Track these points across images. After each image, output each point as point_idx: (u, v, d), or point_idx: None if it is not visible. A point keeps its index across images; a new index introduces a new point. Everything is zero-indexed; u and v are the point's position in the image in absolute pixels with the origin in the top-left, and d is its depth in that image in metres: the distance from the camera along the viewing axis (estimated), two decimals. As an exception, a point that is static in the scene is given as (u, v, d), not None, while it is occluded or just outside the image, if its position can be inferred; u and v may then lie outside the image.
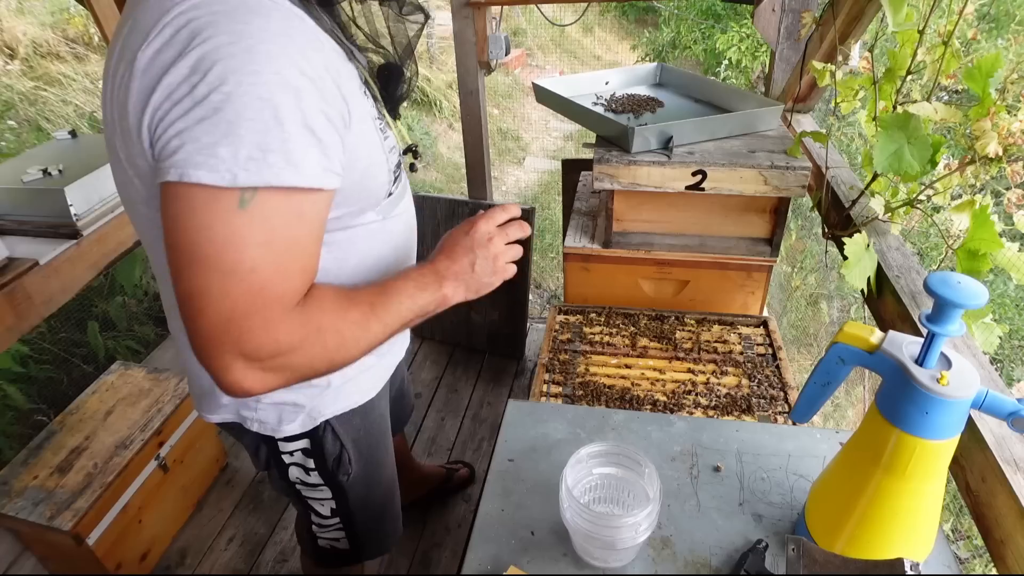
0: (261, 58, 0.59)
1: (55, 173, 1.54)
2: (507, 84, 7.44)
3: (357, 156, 0.72)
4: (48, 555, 1.71)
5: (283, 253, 0.64)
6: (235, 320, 0.62)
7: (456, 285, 0.84)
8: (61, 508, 1.54)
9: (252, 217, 0.60)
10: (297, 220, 0.64)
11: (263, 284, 0.63)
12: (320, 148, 0.63)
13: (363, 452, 1.04)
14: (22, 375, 2.21)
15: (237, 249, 0.61)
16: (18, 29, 4.11)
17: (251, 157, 0.59)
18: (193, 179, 0.58)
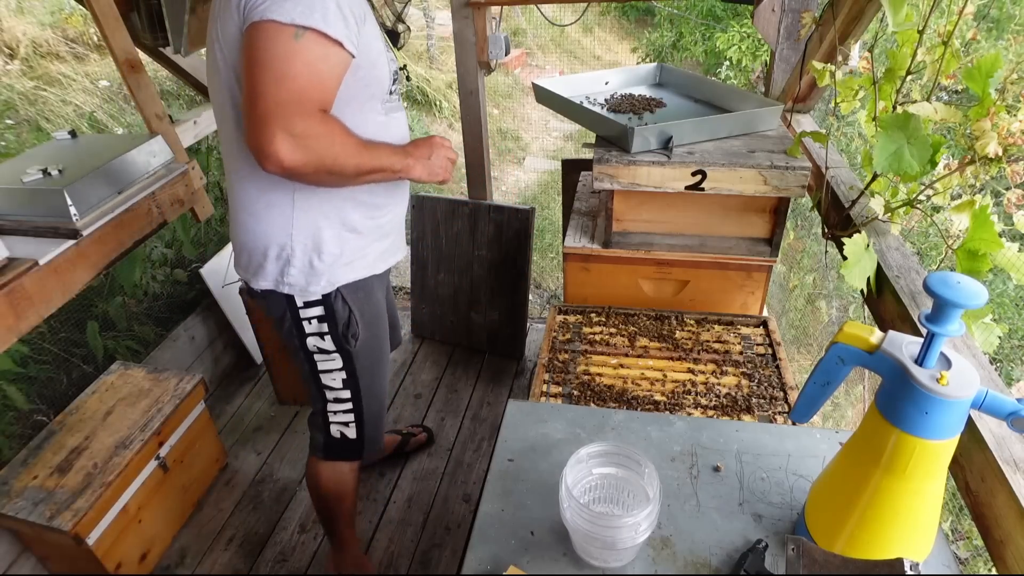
0: None
1: (55, 173, 1.54)
2: (507, 84, 7.44)
3: (369, 47, 1.07)
4: (48, 555, 1.71)
5: (315, 74, 0.98)
6: (281, 105, 0.95)
7: (416, 163, 1.18)
8: (61, 508, 1.54)
9: (301, 46, 0.96)
10: (325, 59, 0.99)
11: (302, 87, 0.97)
12: (345, 23, 0.99)
13: (367, 321, 1.29)
14: (22, 375, 2.21)
15: (289, 63, 0.96)
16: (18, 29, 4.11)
17: (303, 12, 0.95)
18: (268, 17, 0.94)
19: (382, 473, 2.10)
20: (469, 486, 2.05)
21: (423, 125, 5.96)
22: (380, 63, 1.12)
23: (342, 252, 1.22)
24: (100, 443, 1.72)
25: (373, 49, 1.09)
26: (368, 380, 1.36)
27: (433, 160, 1.22)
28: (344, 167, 1.06)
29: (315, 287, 1.22)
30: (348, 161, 1.06)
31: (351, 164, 1.07)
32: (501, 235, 2.42)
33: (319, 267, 1.20)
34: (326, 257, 1.20)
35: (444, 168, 1.24)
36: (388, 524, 1.94)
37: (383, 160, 1.13)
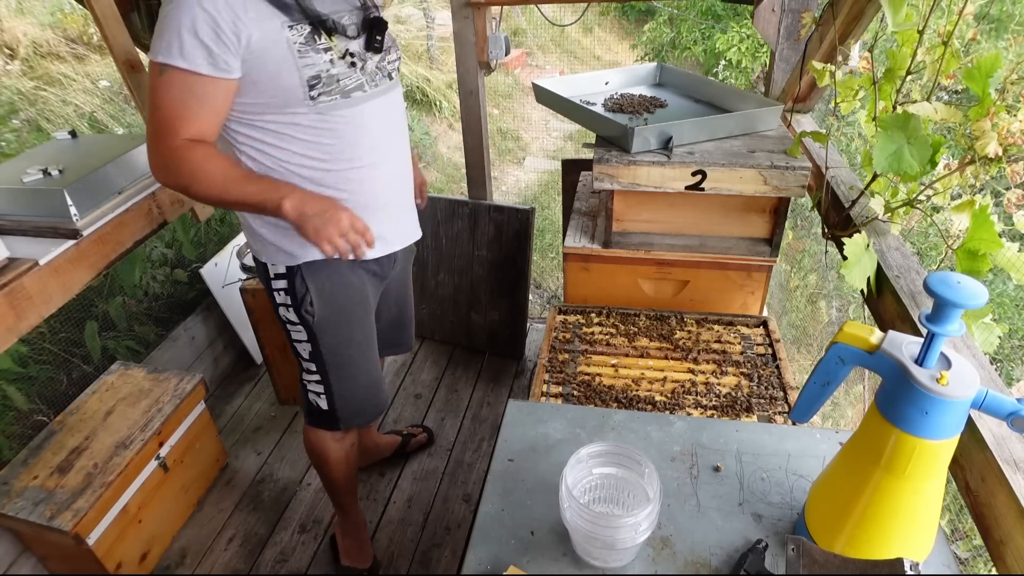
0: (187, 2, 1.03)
1: (55, 173, 1.54)
2: (507, 84, 7.44)
3: (264, 61, 1.09)
4: (48, 555, 1.71)
5: (181, 105, 1.08)
6: (152, 133, 1.11)
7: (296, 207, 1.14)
8: (61, 508, 1.54)
9: (166, 81, 1.06)
10: (190, 90, 1.07)
11: (167, 118, 1.09)
12: (207, 51, 1.04)
13: (328, 302, 1.32)
14: (22, 375, 2.21)
15: (159, 96, 1.08)
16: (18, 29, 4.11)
17: (164, 48, 1.04)
18: (150, 55, 1.07)
19: (382, 473, 2.11)
20: (469, 486, 2.05)
21: (423, 125, 5.96)
22: (284, 71, 1.11)
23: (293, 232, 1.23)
24: (100, 443, 1.72)
25: (270, 60, 1.09)
26: (334, 358, 1.39)
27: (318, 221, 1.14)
28: (200, 194, 1.14)
29: (278, 259, 1.29)
30: (204, 190, 1.13)
31: (210, 193, 1.14)
32: (501, 235, 2.42)
33: (277, 240, 1.27)
34: (280, 230, 1.25)
35: (324, 236, 1.14)
36: (388, 524, 1.94)
37: (246, 193, 1.15)
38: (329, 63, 1.15)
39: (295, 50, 1.11)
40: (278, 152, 1.20)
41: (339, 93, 1.18)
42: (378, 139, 1.28)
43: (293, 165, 1.21)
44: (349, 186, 1.27)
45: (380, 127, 1.28)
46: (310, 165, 1.22)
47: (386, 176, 1.32)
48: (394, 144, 1.32)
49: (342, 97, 1.19)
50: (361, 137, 1.24)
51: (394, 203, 1.37)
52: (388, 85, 1.28)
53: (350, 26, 1.17)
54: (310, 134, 1.19)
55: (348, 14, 1.18)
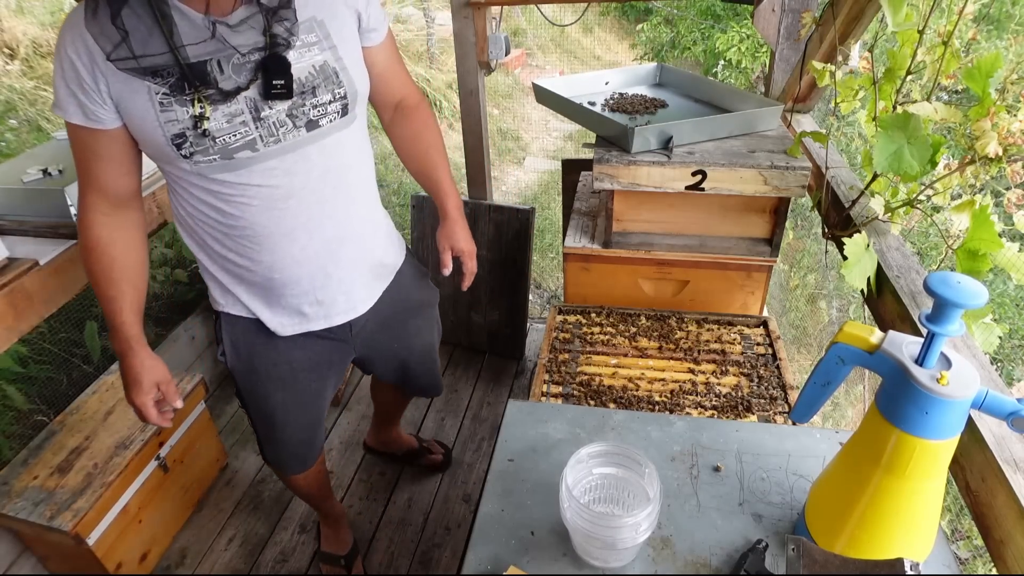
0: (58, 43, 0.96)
1: (55, 173, 1.54)
2: (507, 84, 7.43)
3: (128, 113, 0.98)
4: (48, 555, 1.71)
5: (77, 155, 1.04)
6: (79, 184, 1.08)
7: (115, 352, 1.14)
8: (61, 508, 1.54)
9: (69, 132, 1.02)
10: (82, 143, 1.02)
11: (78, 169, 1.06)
12: (76, 101, 0.96)
13: (240, 357, 1.26)
14: (22, 375, 2.21)
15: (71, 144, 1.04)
16: (18, 29, 4.11)
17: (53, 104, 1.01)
18: None
19: (382, 473, 2.11)
20: (469, 486, 2.05)
21: (423, 125, 5.95)
22: (148, 126, 0.97)
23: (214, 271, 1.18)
24: (100, 443, 1.72)
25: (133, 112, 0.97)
26: (253, 405, 1.33)
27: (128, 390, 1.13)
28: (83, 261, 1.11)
29: (211, 294, 1.24)
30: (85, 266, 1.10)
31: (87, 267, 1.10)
32: (501, 235, 2.42)
33: (208, 279, 1.21)
34: (209, 270, 1.19)
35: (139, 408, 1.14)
36: (388, 524, 1.94)
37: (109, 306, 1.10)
38: (195, 119, 0.96)
39: (156, 102, 0.95)
40: (187, 203, 1.09)
41: (217, 153, 0.99)
42: (291, 204, 1.06)
43: (199, 221, 1.10)
44: (251, 254, 1.11)
45: (294, 189, 1.06)
46: (211, 223, 1.09)
47: (313, 246, 1.12)
48: (327, 205, 1.10)
49: (222, 158, 0.99)
50: (259, 204, 1.05)
51: (328, 274, 1.16)
52: (305, 137, 1.03)
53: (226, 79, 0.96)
54: (200, 193, 1.05)
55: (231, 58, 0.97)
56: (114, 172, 1.05)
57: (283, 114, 1.01)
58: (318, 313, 1.21)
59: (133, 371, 1.12)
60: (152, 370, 1.14)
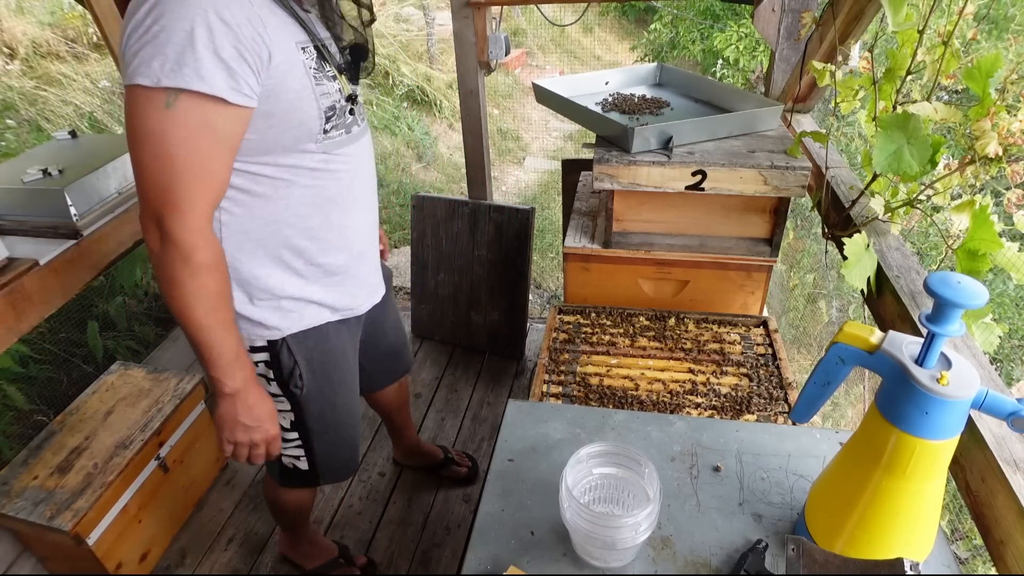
0: (189, 4, 0.81)
1: (55, 173, 1.54)
2: (507, 84, 7.43)
3: (284, 88, 0.92)
4: (48, 555, 1.71)
5: (194, 152, 0.86)
6: (155, 193, 0.86)
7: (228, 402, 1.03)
8: (61, 508, 1.54)
9: (174, 115, 0.83)
10: (206, 126, 0.85)
11: (178, 172, 0.85)
12: (228, 72, 0.84)
13: (316, 371, 1.20)
14: (22, 375, 2.21)
15: (163, 140, 0.83)
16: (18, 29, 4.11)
17: (172, 68, 0.81)
18: (135, 80, 0.82)
19: (382, 473, 2.11)
20: (469, 486, 2.05)
21: (423, 125, 5.96)
22: (303, 103, 0.95)
23: (279, 303, 1.11)
24: (100, 443, 1.72)
25: (290, 87, 0.93)
26: (319, 425, 1.27)
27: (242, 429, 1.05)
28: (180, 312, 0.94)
29: (254, 333, 1.11)
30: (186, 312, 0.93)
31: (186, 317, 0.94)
32: (501, 235, 2.42)
33: (255, 314, 1.10)
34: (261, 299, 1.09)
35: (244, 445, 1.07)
36: (388, 524, 1.94)
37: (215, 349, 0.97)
38: (339, 92, 1.00)
39: (311, 75, 0.95)
40: (269, 204, 1.01)
41: (344, 128, 1.04)
42: (366, 179, 1.16)
43: (290, 215, 1.04)
44: (345, 235, 1.14)
45: (368, 165, 1.17)
46: (305, 215, 1.05)
47: (371, 219, 1.22)
48: (374, 182, 1.23)
49: (346, 133, 1.04)
50: (356, 180, 1.12)
51: (374, 246, 1.27)
52: (364, 126, 1.15)
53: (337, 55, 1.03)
54: (312, 178, 1.03)
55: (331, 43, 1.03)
56: (230, 164, 0.93)
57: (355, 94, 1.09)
58: (377, 281, 1.30)
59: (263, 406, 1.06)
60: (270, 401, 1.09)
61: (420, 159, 5.54)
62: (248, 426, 1.05)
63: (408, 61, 6.38)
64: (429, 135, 5.89)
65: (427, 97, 6.27)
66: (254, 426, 1.05)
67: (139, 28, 0.82)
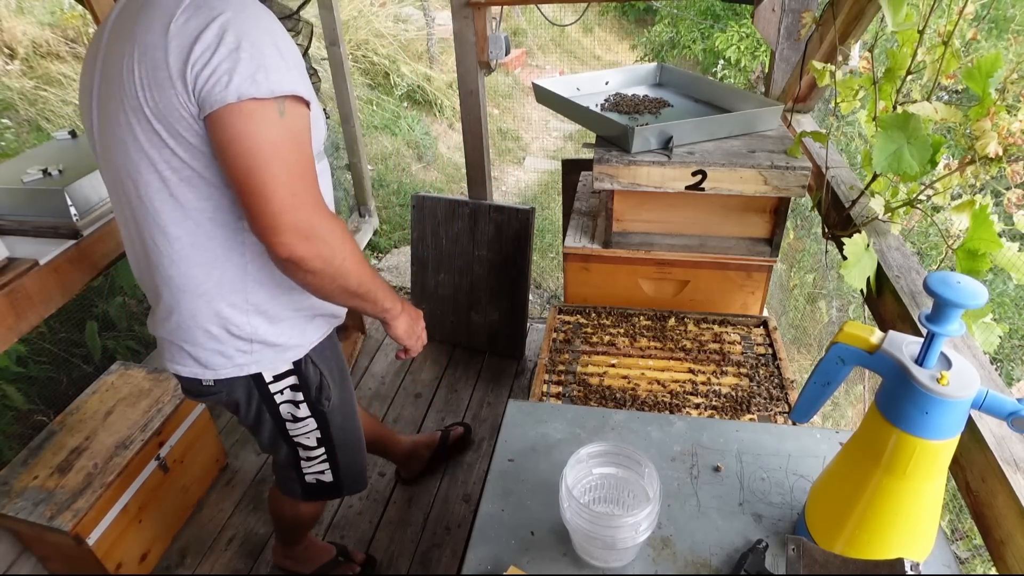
0: (262, 25, 0.87)
1: (55, 173, 1.54)
2: (507, 84, 7.43)
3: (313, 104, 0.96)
4: (48, 555, 1.71)
5: (305, 152, 0.91)
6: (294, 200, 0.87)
7: (403, 313, 1.15)
8: (61, 508, 1.54)
9: (289, 123, 0.87)
10: (306, 128, 0.91)
11: (303, 173, 0.89)
12: (304, 79, 0.91)
13: (337, 379, 1.23)
14: (22, 375, 2.21)
15: (287, 148, 0.87)
16: (18, 29, 4.11)
17: (278, 78, 0.85)
18: (247, 95, 0.83)
19: (382, 473, 2.11)
20: (469, 486, 2.05)
21: (423, 125, 5.95)
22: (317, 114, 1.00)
23: (296, 310, 1.11)
24: (100, 443, 1.72)
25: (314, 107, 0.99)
26: (342, 435, 1.30)
27: (417, 327, 1.21)
28: (348, 276, 0.96)
29: (284, 355, 1.12)
30: (353, 269, 0.97)
31: (354, 275, 0.97)
32: (501, 235, 2.42)
33: (278, 334, 1.09)
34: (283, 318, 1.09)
35: (421, 340, 1.22)
36: (388, 524, 1.94)
37: (378, 288, 1.05)
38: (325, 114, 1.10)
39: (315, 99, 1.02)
40: None
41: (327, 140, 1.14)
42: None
43: None
44: None
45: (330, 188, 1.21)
46: None
47: None
48: None
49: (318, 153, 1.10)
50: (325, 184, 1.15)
51: None
52: None
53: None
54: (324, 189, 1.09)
55: None
56: None
57: None
58: None
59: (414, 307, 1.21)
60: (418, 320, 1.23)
61: (420, 159, 5.54)
62: (420, 322, 1.22)
63: (408, 61, 6.37)
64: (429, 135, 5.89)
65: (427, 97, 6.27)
66: (422, 321, 1.22)
67: (220, 48, 0.83)
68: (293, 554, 1.73)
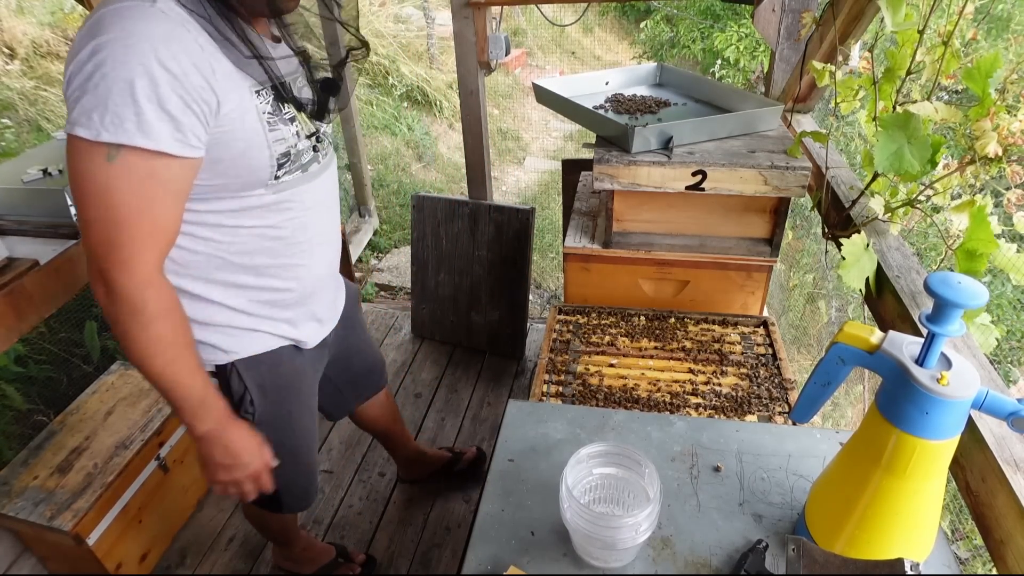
0: (133, 51, 0.77)
1: (55, 173, 1.54)
2: (507, 84, 7.43)
3: (234, 137, 0.89)
4: (48, 555, 1.71)
5: (143, 199, 0.82)
6: (101, 247, 0.83)
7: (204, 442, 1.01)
8: (61, 508, 1.54)
9: (118, 170, 0.80)
10: (151, 178, 0.82)
11: (130, 225, 0.82)
12: (173, 124, 0.80)
13: (269, 397, 1.15)
14: (22, 375, 2.21)
15: (107, 193, 0.80)
16: (18, 29, 4.11)
17: (113, 122, 0.77)
18: (76, 132, 0.78)
19: (382, 473, 2.11)
20: (469, 486, 2.05)
21: (423, 125, 5.95)
22: (254, 150, 0.92)
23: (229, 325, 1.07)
24: (100, 443, 1.72)
25: (240, 136, 0.89)
26: (281, 446, 1.19)
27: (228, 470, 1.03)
28: (131, 355, 0.90)
29: (208, 355, 1.07)
30: (135, 356, 0.89)
31: (136, 360, 0.90)
32: (501, 235, 2.42)
33: (208, 339, 1.06)
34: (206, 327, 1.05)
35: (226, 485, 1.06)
36: (388, 524, 1.94)
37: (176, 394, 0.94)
38: (296, 136, 0.97)
39: (264, 121, 0.92)
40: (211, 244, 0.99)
41: (299, 169, 1.01)
42: (323, 216, 1.12)
43: (234, 253, 1.01)
44: (296, 273, 1.10)
45: (326, 202, 1.12)
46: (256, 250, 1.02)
47: (328, 256, 1.18)
48: (334, 219, 1.17)
49: (302, 172, 1.02)
50: (311, 217, 1.08)
51: (331, 282, 1.24)
52: (331, 153, 1.13)
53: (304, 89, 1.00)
54: (259, 219, 1.00)
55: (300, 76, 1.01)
56: (179, 212, 0.89)
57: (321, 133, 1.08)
58: (329, 317, 1.25)
59: (241, 442, 1.04)
60: (257, 436, 1.08)
61: (420, 159, 5.54)
62: (227, 465, 1.03)
63: (408, 61, 6.38)
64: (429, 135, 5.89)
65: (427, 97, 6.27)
66: (233, 464, 1.03)
67: (80, 73, 0.77)
68: (292, 555, 1.72)
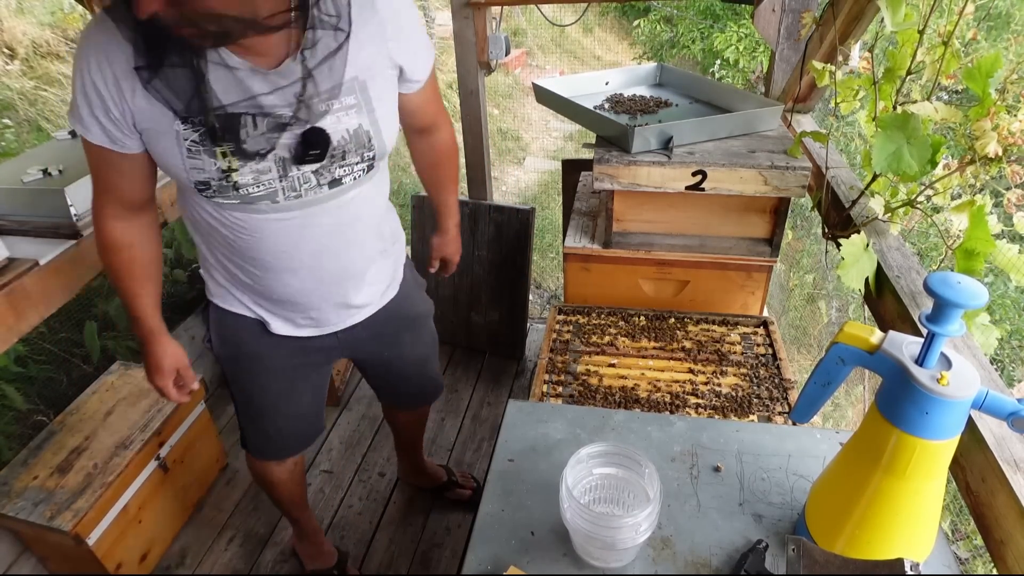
0: (79, 56, 0.91)
1: (55, 173, 1.54)
2: (507, 84, 7.43)
3: (152, 147, 0.98)
4: (48, 555, 1.71)
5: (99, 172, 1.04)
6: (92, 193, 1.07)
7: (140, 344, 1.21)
8: (61, 508, 1.54)
9: (84, 143, 0.98)
10: (100, 159, 1.00)
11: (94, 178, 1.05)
12: (100, 127, 0.94)
13: (227, 346, 1.27)
14: (22, 375, 2.21)
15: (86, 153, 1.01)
16: (18, 29, 4.11)
17: (70, 112, 0.96)
18: None
19: (382, 473, 2.11)
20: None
21: (423, 125, 5.95)
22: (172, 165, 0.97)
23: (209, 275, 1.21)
24: (100, 443, 1.72)
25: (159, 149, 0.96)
26: (241, 396, 1.35)
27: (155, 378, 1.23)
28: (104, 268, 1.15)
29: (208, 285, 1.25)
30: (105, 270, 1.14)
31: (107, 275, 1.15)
32: (501, 235, 2.42)
33: (206, 272, 1.22)
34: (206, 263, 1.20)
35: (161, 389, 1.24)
36: (388, 524, 1.94)
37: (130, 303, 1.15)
38: (223, 172, 0.96)
39: (184, 147, 0.94)
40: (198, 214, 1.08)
41: (238, 199, 0.99)
42: (297, 247, 1.07)
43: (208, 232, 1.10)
44: (254, 276, 1.13)
45: (302, 237, 1.06)
46: (219, 240, 1.09)
47: (312, 281, 1.13)
48: (333, 251, 1.11)
49: (242, 203, 1.00)
50: (270, 243, 1.06)
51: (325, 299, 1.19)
52: (326, 194, 1.03)
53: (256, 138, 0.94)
54: (211, 219, 1.06)
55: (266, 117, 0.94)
56: (133, 184, 1.05)
57: (309, 172, 1.01)
58: (309, 324, 1.24)
59: (155, 357, 1.20)
60: (172, 356, 1.22)
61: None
62: (147, 370, 1.23)
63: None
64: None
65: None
66: (149, 371, 1.23)
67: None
68: (299, 540, 1.78)
